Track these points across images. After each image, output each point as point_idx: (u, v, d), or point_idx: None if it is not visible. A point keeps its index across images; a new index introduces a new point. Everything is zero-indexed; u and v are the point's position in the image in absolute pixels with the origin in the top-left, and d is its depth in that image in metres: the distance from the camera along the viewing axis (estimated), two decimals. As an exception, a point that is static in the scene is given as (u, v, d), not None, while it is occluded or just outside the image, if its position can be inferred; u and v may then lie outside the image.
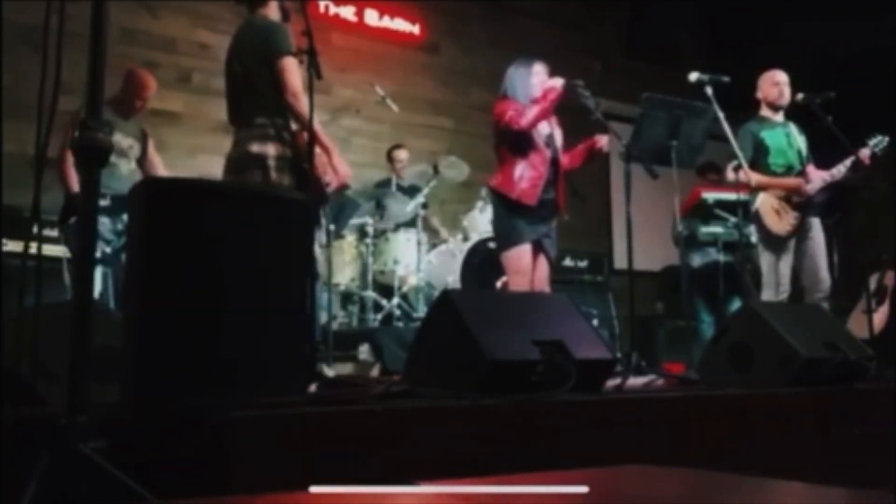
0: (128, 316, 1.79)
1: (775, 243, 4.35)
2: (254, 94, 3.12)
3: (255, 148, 3.07)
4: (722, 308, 5.25)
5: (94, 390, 1.43)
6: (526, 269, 3.89)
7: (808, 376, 2.62)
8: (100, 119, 1.48)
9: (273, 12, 3.26)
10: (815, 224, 4.42)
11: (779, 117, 4.54)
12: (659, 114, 3.81)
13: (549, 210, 3.97)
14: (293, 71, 3.05)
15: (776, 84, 4.50)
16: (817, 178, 4.37)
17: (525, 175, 3.86)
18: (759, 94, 4.57)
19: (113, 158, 4.15)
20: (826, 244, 4.42)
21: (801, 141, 4.49)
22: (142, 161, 4.48)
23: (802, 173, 4.40)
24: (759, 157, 4.41)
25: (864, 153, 4.28)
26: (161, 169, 4.58)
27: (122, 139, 4.31)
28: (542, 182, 3.87)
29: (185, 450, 1.57)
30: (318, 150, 3.04)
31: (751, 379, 2.69)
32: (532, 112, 3.81)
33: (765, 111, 4.56)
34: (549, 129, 4.01)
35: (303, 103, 3.01)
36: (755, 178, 4.28)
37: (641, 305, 4.47)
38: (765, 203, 4.37)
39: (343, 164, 3.25)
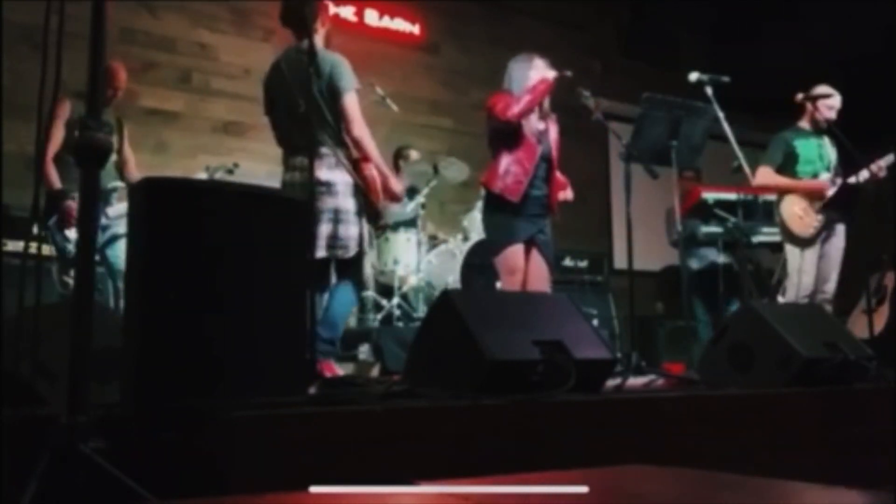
0: (128, 316, 1.79)
1: (801, 244, 4.42)
2: (322, 124, 3.35)
3: (325, 175, 3.31)
4: (721, 308, 5.25)
5: (94, 390, 1.43)
6: (518, 268, 3.78)
7: (808, 376, 2.62)
8: (100, 119, 1.48)
9: (322, 39, 3.47)
10: (840, 230, 4.50)
11: (812, 129, 4.60)
12: (659, 114, 3.81)
13: (539, 208, 3.87)
14: (357, 105, 3.41)
15: (831, 108, 4.54)
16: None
17: (511, 170, 3.77)
18: (809, 106, 4.56)
19: None
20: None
21: (831, 153, 4.58)
22: (119, 153, 4.42)
23: (832, 183, 4.47)
24: (788, 164, 4.52)
25: (886, 161, 4.35)
26: (132, 162, 4.56)
27: None
28: (527, 178, 3.76)
29: (185, 450, 1.57)
30: (376, 175, 3.41)
31: (751, 379, 2.69)
32: (521, 102, 3.74)
33: (804, 123, 4.62)
34: (542, 126, 3.92)
35: (368, 136, 3.39)
36: (760, 179, 4.40)
37: (641, 305, 4.47)
38: (788, 206, 4.44)
39: (398, 184, 3.59)
